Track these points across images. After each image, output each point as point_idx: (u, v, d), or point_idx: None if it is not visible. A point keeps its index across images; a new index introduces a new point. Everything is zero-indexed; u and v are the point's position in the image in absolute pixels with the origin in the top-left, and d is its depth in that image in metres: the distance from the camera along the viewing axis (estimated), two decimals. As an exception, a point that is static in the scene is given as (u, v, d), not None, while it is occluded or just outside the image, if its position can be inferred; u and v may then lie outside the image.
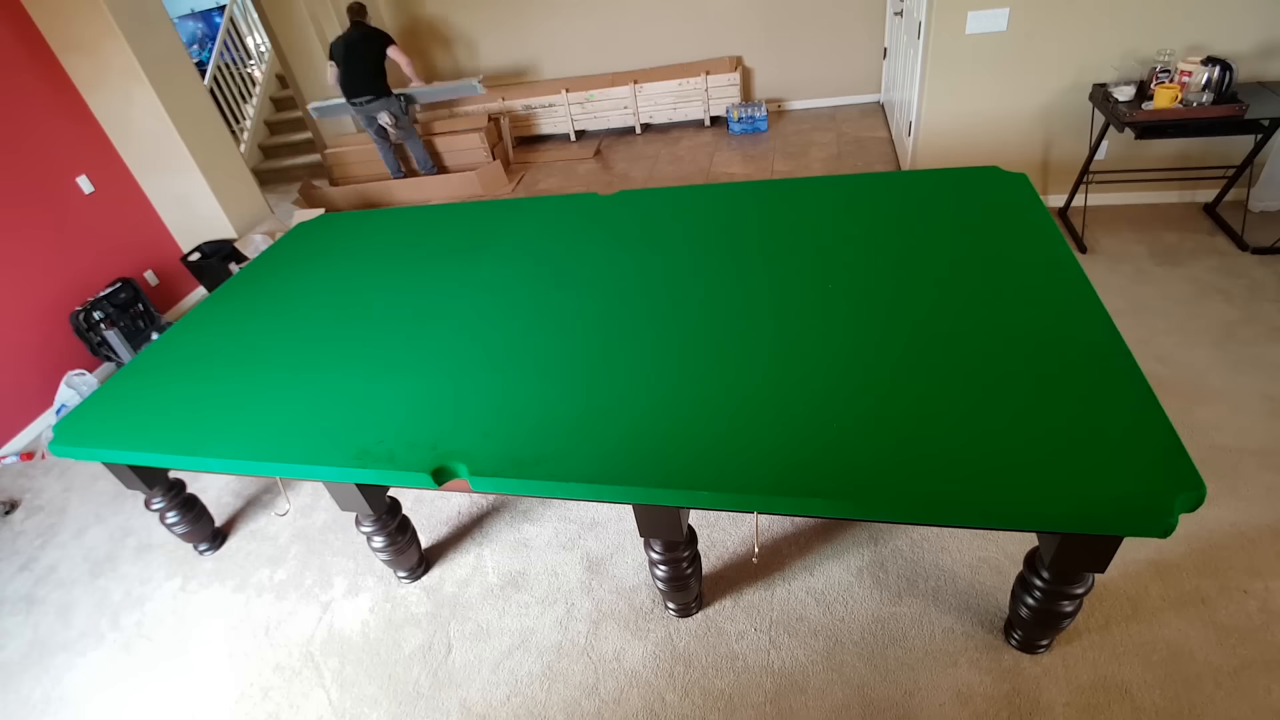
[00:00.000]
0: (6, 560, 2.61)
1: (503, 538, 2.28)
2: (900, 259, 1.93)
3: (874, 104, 5.49)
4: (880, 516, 1.28)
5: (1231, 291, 2.73)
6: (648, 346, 1.75)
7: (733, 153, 5.06)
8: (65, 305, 3.51)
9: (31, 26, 3.49)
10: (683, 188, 2.63)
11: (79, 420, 1.94)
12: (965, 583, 1.88)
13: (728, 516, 2.19)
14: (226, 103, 6.44)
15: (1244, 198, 3.21)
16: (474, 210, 2.77)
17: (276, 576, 2.31)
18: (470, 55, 6.03)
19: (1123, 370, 1.42)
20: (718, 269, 2.04)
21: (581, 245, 2.33)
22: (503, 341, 1.88)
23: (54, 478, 2.98)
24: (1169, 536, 1.14)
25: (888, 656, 1.75)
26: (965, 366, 1.50)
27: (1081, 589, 1.45)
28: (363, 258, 2.54)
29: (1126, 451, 1.25)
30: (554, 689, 1.82)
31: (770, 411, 1.48)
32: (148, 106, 3.72)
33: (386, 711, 1.84)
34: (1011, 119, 3.38)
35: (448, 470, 1.50)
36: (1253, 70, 2.94)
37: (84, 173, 3.70)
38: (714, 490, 1.33)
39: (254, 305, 2.35)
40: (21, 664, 2.19)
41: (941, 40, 3.23)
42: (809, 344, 1.66)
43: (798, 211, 2.29)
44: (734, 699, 1.73)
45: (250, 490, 2.69)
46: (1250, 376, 2.33)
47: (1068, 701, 1.59)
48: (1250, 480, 1.99)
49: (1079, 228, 3.26)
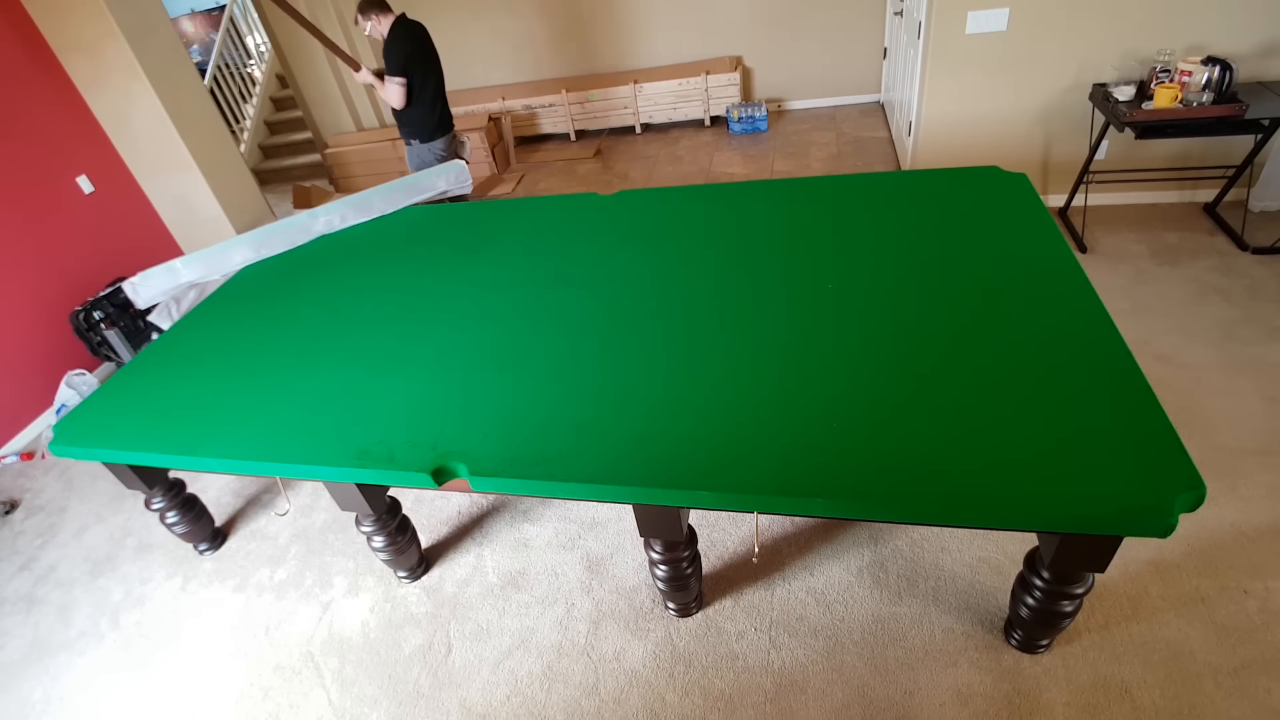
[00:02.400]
0: (6, 560, 2.61)
1: (503, 538, 2.28)
2: (900, 259, 1.93)
3: (874, 104, 5.49)
4: (880, 516, 1.28)
5: (1231, 291, 2.73)
6: (648, 346, 1.75)
7: (733, 153, 5.06)
8: (65, 305, 3.51)
9: (31, 27, 3.48)
10: (683, 188, 2.63)
11: (79, 420, 1.94)
12: (965, 583, 1.88)
13: (728, 516, 2.19)
14: (226, 103, 6.44)
15: (1244, 198, 3.20)
16: (474, 210, 2.77)
17: (276, 576, 2.31)
18: (470, 58, 6.03)
19: (1123, 370, 1.42)
20: (717, 269, 2.04)
21: (581, 245, 2.33)
22: (503, 341, 1.88)
23: (54, 478, 2.98)
24: (1169, 536, 1.13)
25: (888, 656, 1.75)
26: (965, 366, 1.50)
27: (1081, 589, 1.45)
28: (363, 257, 2.54)
29: (1126, 451, 1.25)
30: (554, 689, 1.82)
31: (770, 411, 1.48)
32: (148, 106, 3.71)
33: (386, 711, 1.84)
34: (1011, 119, 3.38)
35: (448, 470, 1.50)
36: (1253, 70, 2.94)
37: (84, 173, 3.69)
38: (714, 490, 1.33)
39: (254, 305, 2.35)
40: (21, 664, 2.19)
41: (941, 40, 3.23)
42: (808, 344, 1.66)
43: (797, 212, 2.29)
44: (734, 699, 1.73)
45: (250, 490, 2.69)
46: (1250, 376, 2.33)
47: (1068, 701, 1.59)
48: (1250, 480, 1.99)
49: (1079, 228, 3.26)
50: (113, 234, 3.84)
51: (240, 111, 6.60)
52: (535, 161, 5.56)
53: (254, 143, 6.64)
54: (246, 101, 6.69)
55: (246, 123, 6.60)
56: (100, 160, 3.81)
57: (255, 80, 6.84)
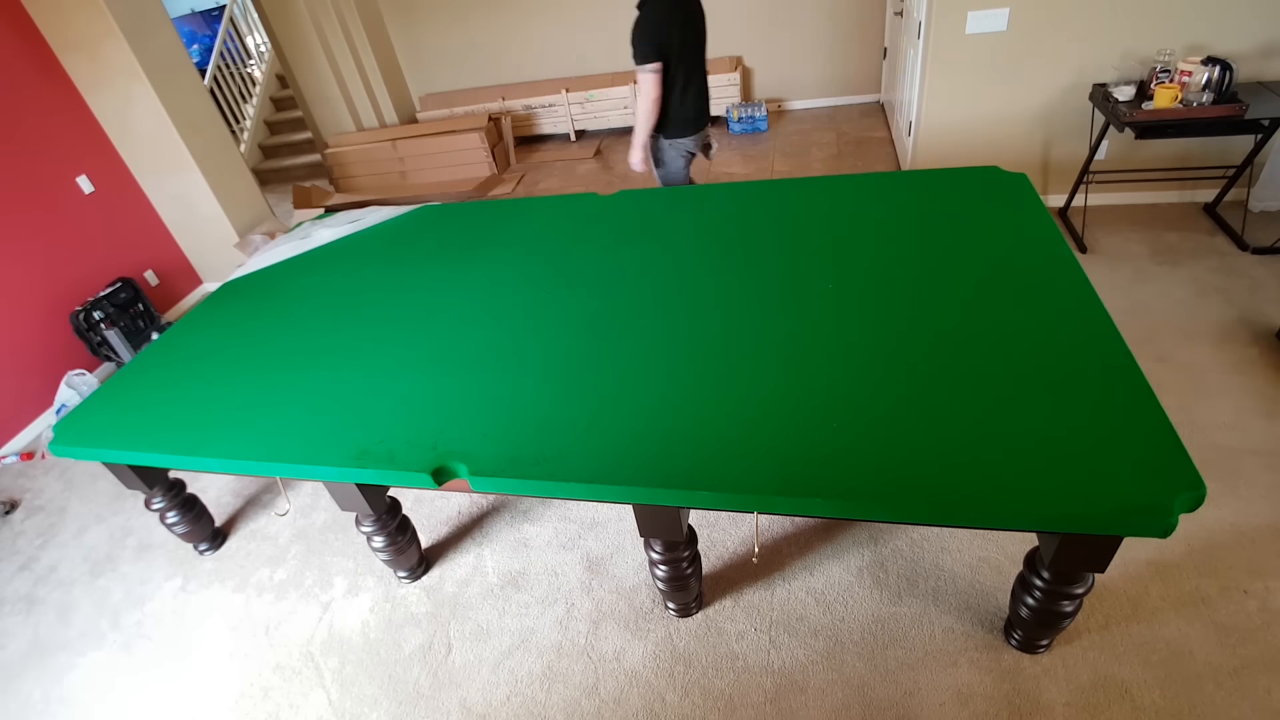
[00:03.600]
0: (6, 560, 2.61)
1: (503, 538, 2.28)
2: (900, 259, 1.93)
3: (874, 104, 5.49)
4: (880, 516, 1.28)
5: (1231, 291, 2.73)
6: (648, 346, 1.75)
7: (733, 153, 5.05)
8: (65, 305, 3.51)
9: (32, 27, 3.49)
10: (683, 188, 2.63)
11: (79, 420, 1.94)
12: (965, 583, 1.88)
13: (728, 516, 2.19)
14: (226, 103, 6.44)
15: (1244, 198, 3.20)
16: (474, 210, 2.77)
17: (276, 576, 2.31)
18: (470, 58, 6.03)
19: (1123, 370, 1.42)
20: (717, 269, 2.04)
21: (581, 245, 2.33)
22: (503, 341, 1.88)
23: (54, 478, 2.98)
24: (1169, 536, 1.13)
25: (888, 656, 1.75)
26: (965, 366, 1.50)
27: (1081, 589, 1.45)
28: (363, 257, 2.54)
29: (1126, 451, 1.25)
30: (554, 689, 1.82)
31: (770, 411, 1.48)
32: (148, 106, 3.72)
33: (386, 711, 1.84)
34: (1011, 119, 3.38)
35: (448, 470, 1.50)
36: (1253, 70, 2.94)
37: (84, 173, 3.70)
38: (714, 490, 1.33)
39: (254, 305, 2.35)
40: (22, 664, 2.19)
41: (941, 40, 3.22)
42: (808, 344, 1.66)
43: (798, 212, 2.29)
44: (734, 699, 1.73)
45: (250, 490, 2.69)
46: (1250, 376, 2.32)
47: (1068, 701, 1.59)
48: (1250, 480, 1.99)
49: (1079, 228, 3.26)
50: (113, 234, 3.85)
51: (240, 111, 6.60)
52: (535, 161, 5.56)
53: (254, 143, 6.64)
54: (246, 101, 6.69)
55: (246, 123, 6.60)
56: (100, 160, 3.81)
57: (255, 80, 6.84)
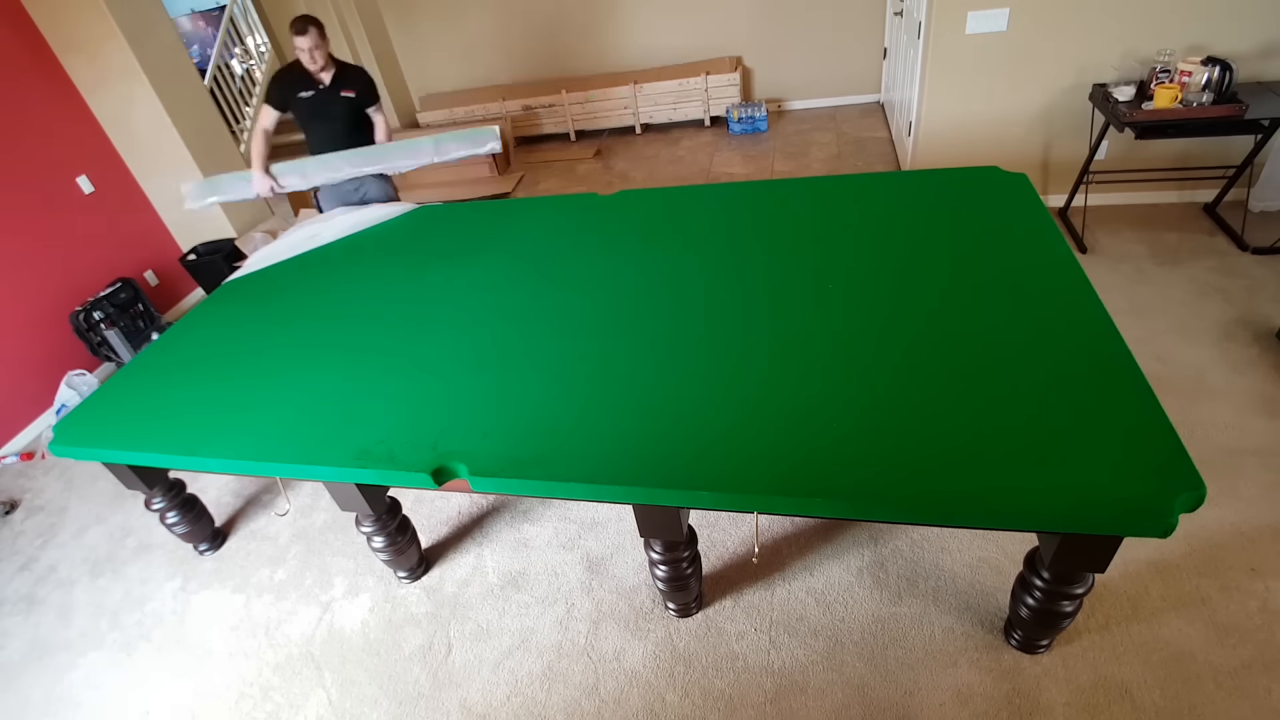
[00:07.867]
0: (6, 560, 2.61)
1: (503, 538, 2.28)
2: (900, 259, 1.93)
3: (874, 104, 5.49)
4: (880, 516, 1.28)
5: (1231, 291, 2.73)
6: (648, 346, 1.75)
7: (733, 153, 5.06)
8: (65, 305, 3.51)
9: (32, 27, 3.49)
10: (683, 188, 2.63)
11: (79, 420, 1.94)
12: (965, 583, 1.88)
13: (728, 516, 2.19)
14: (226, 103, 6.44)
15: (1244, 198, 3.20)
16: (474, 210, 2.77)
17: (276, 577, 2.31)
18: (470, 58, 6.03)
19: (1123, 370, 1.42)
20: (718, 269, 2.04)
21: (582, 245, 2.33)
22: (503, 341, 1.88)
23: (54, 478, 2.98)
24: (1169, 536, 1.13)
25: (888, 656, 1.75)
26: (965, 367, 1.50)
27: (1081, 589, 1.45)
28: (363, 257, 2.54)
29: (1127, 452, 1.25)
30: (554, 689, 1.82)
31: (771, 411, 1.48)
32: (148, 106, 3.72)
33: (386, 711, 1.84)
34: (1011, 119, 3.38)
35: (448, 470, 1.50)
36: (1253, 70, 2.94)
37: (84, 173, 3.70)
38: (714, 490, 1.33)
39: (254, 305, 2.35)
40: (22, 664, 2.19)
41: (941, 40, 3.22)
42: (809, 344, 1.66)
43: (798, 212, 2.29)
44: (734, 699, 1.73)
45: (250, 490, 2.69)
46: (1250, 376, 2.32)
47: (1068, 701, 1.59)
48: (1250, 480, 1.99)
49: (1079, 228, 3.26)
50: (113, 234, 3.84)
51: (240, 112, 6.59)
52: (535, 161, 5.56)
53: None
54: (246, 102, 6.68)
55: (246, 123, 6.59)
56: (100, 160, 3.81)
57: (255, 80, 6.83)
